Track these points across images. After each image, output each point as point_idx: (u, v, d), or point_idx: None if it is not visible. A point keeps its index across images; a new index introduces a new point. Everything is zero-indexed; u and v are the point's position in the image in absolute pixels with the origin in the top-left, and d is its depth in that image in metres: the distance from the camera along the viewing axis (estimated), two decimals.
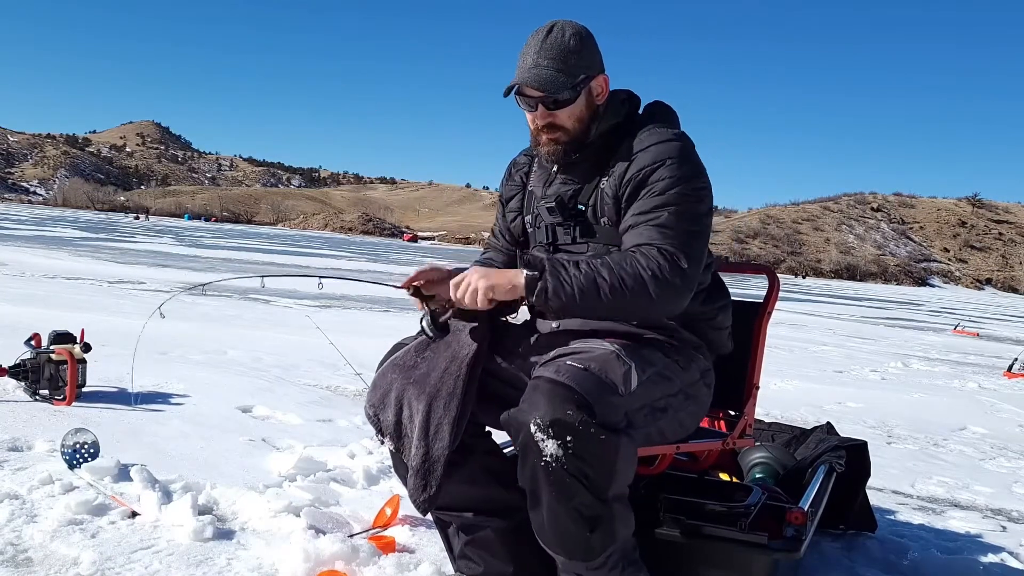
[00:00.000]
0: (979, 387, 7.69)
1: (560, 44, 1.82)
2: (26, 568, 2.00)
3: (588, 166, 1.92)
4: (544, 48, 1.82)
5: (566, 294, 1.70)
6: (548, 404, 1.62)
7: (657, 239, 1.74)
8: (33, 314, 6.32)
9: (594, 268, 1.71)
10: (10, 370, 3.69)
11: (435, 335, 1.90)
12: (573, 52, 1.82)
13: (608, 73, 1.94)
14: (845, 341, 11.71)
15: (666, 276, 1.70)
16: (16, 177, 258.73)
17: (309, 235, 79.11)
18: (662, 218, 1.75)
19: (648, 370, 1.78)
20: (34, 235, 25.08)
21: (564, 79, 1.81)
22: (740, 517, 2.01)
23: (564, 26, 1.84)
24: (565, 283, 1.70)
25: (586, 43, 1.85)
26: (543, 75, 1.80)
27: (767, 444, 2.88)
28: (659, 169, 1.79)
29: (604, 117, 1.90)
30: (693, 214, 1.78)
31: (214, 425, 3.56)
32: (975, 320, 22.09)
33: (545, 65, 1.81)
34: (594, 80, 1.88)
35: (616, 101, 1.93)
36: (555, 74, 1.80)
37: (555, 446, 1.59)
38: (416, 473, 1.86)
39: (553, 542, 1.70)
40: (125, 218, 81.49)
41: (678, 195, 1.77)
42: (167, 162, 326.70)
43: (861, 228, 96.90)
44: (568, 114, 1.86)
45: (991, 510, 3.49)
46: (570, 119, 1.86)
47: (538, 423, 1.61)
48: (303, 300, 10.44)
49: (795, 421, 4.69)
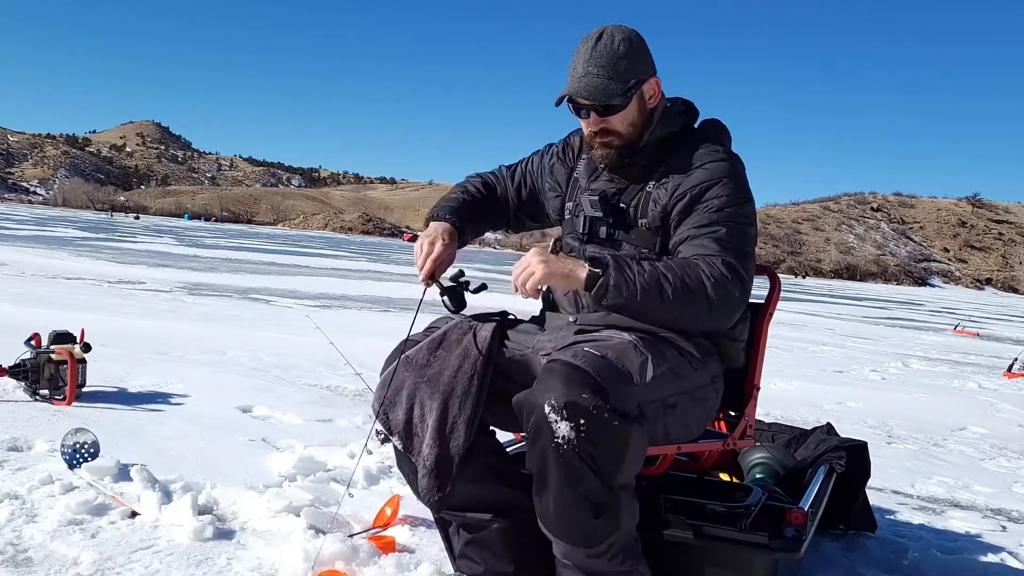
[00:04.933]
0: (979, 387, 7.69)
1: (610, 51, 1.84)
2: (26, 568, 2.00)
3: (638, 169, 1.95)
4: (594, 56, 1.85)
5: (628, 291, 1.72)
6: (564, 386, 1.62)
7: (718, 251, 1.78)
8: (33, 314, 6.32)
9: (658, 269, 1.74)
10: (10, 370, 3.69)
11: (456, 309, 1.97)
12: (623, 58, 1.85)
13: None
14: (845, 341, 11.71)
15: (727, 286, 1.75)
16: (16, 177, 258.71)
17: (309, 235, 79.13)
18: (721, 232, 1.80)
19: (663, 365, 1.79)
20: (34, 235, 25.08)
21: (615, 86, 1.84)
22: (740, 517, 2.01)
23: (613, 32, 1.87)
24: (628, 280, 1.72)
25: (636, 47, 1.88)
26: (593, 83, 1.83)
27: (767, 444, 2.88)
28: (716, 186, 1.84)
29: (659, 124, 1.94)
30: (746, 234, 1.85)
31: (214, 425, 3.56)
32: (975, 320, 22.09)
33: (596, 73, 1.84)
34: (646, 84, 1.90)
35: (673, 111, 1.97)
36: (606, 81, 1.83)
37: (568, 428, 1.60)
38: (430, 473, 1.85)
39: (556, 527, 1.70)
40: (111, 217, 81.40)
41: (734, 214, 1.84)
42: (167, 162, 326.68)
43: (861, 228, 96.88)
44: (621, 119, 1.89)
45: (991, 510, 3.49)
46: (623, 123, 1.90)
47: (552, 404, 1.61)
48: (303, 300, 10.44)
49: (795, 421, 4.69)
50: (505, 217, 2.27)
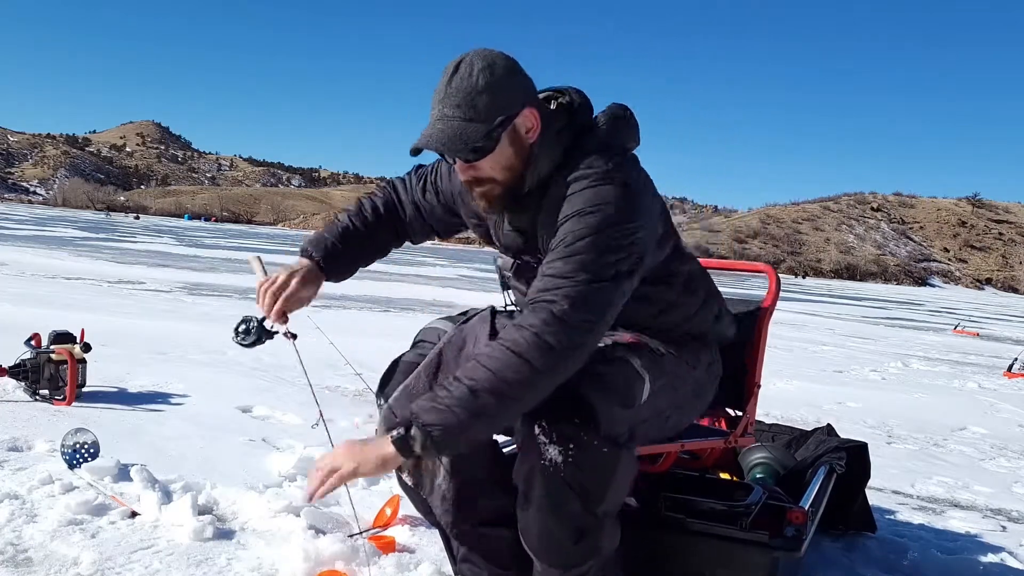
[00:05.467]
0: (979, 387, 7.68)
1: (467, 86, 1.53)
2: (26, 568, 2.00)
3: (532, 212, 1.68)
4: (449, 94, 1.54)
5: (454, 428, 1.45)
6: (555, 408, 1.56)
7: (535, 295, 1.50)
8: (33, 314, 6.32)
9: (465, 377, 1.47)
10: (10, 370, 3.69)
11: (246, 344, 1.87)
12: (483, 92, 1.53)
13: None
14: (845, 341, 11.71)
15: (543, 342, 1.45)
16: (16, 177, 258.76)
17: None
18: (555, 267, 1.51)
19: (659, 380, 1.71)
20: (34, 235, 25.08)
21: (474, 128, 1.53)
22: (741, 515, 2.01)
23: (472, 61, 1.55)
24: (444, 413, 1.44)
25: (500, 77, 1.55)
26: (449, 128, 1.54)
27: (767, 445, 2.88)
28: (568, 221, 1.55)
29: (539, 159, 1.62)
30: (594, 261, 1.51)
31: (214, 425, 3.56)
32: (975, 320, 22.08)
33: (451, 115, 1.54)
34: (518, 118, 1.58)
35: (550, 137, 1.62)
36: (463, 125, 1.53)
37: (556, 451, 1.55)
38: (453, 503, 1.82)
39: (535, 545, 1.67)
40: (108, 217, 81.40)
41: (579, 248, 1.51)
42: (167, 162, 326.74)
43: (861, 228, 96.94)
44: (492, 164, 1.59)
45: (991, 510, 3.49)
46: (495, 169, 1.60)
47: (543, 426, 1.56)
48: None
49: (795, 421, 4.69)
50: (416, 234, 2.05)
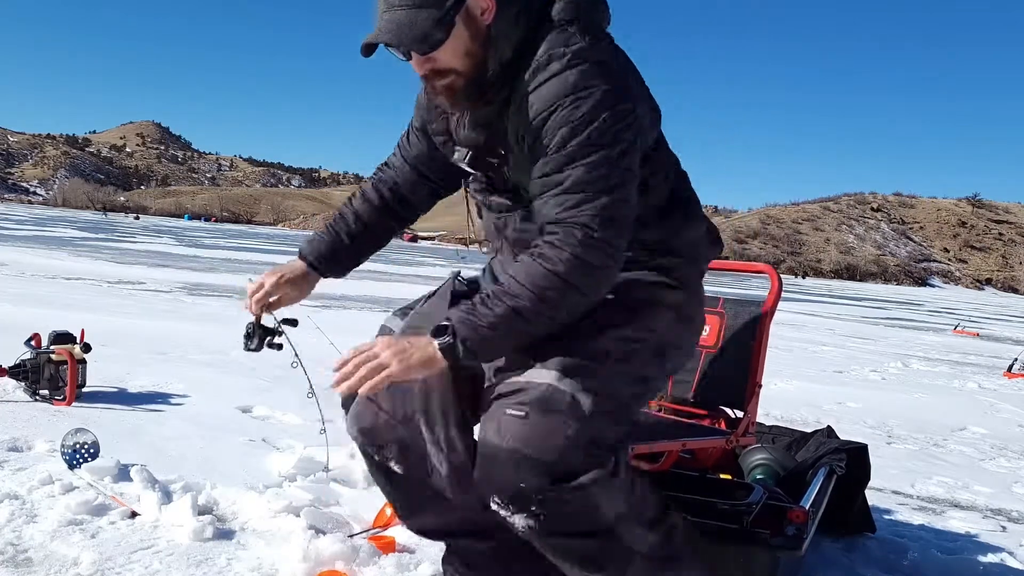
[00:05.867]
0: (979, 387, 7.68)
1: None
2: (26, 568, 2.00)
3: (498, 106, 1.54)
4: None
5: (492, 342, 1.43)
6: (501, 478, 1.44)
7: (562, 213, 1.42)
8: (33, 314, 6.31)
9: (505, 295, 1.42)
10: (10, 370, 3.69)
11: (253, 348, 1.84)
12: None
13: None
14: (845, 341, 11.71)
15: (584, 262, 1.41)
16: (16, 177, 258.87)
17: (309, 235, 78.92)
18: (566, 183, 1.42)
19: (595, 380, 1.49)
20: (34, 235, 25.07)
21: (425, 15, 1.41)
22: (742, 515, 2.01)
23: None
24: (482, 331, 1.41)
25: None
26: (396, 19, 1.42)
27: (768, 446, 2.87)
28: (555, 114, 1.42)
29: (500, 41, 1.48)
30: (604, 161, 1.41)
31: (214, 425, 3.56)
32: (975, 320, 22.08)
33: (398, 4, 1.42)
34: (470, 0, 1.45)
35: (508, 17, 1.48)
36: (412, 13, 1.40)
37: (523, 519, 1.45)
38: (454, 477, 1.64)
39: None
40: (105, 217, 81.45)
41: (581, 145, 1.40)
42: (167, 162, 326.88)
43: (861, 228, 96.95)
44: (450, 53, 1.47)
45: (991, 510, 3.49)
46: (455, 58, 1.47)
47: (497, 501, 1.45)
48: (303, 300, 10.42)
49: (795, 421, 4.69)
50: (421, 201, 1.96)
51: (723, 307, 2.77)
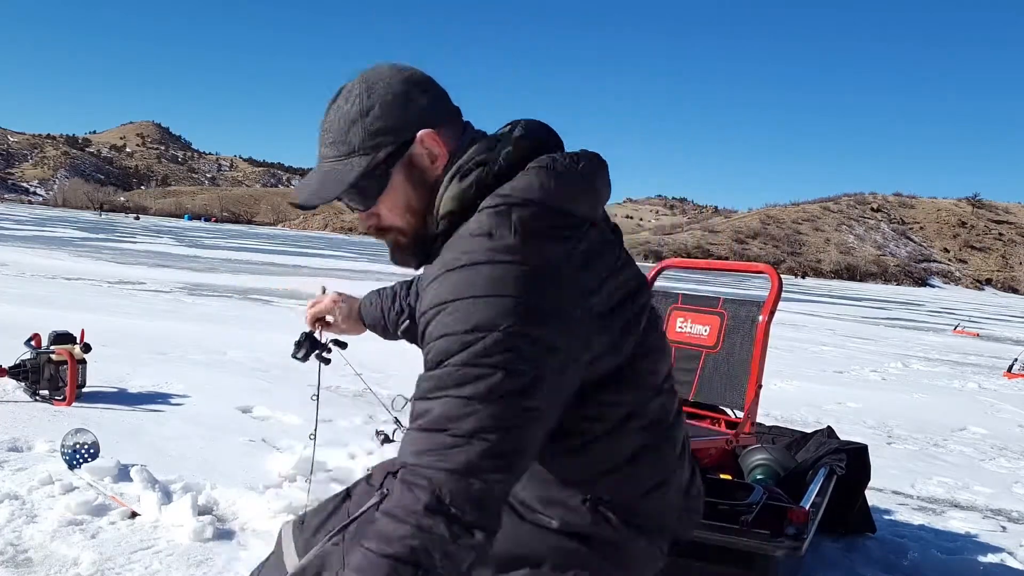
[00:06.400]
0: (979, 387, 7.69)
1: (341, 119, 1.17)
2: (26, 568, 2.00)
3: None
4: (324, 131, 1.20)
5: None
6: None
7: (411, 459, 1.00)
8: (33, 314, 6.32)
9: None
10: (10, 370, 3.69)
11: (303, 357, 1.82)
12: (357, 121, 1.16)
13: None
14: (845, 341, 11.71)
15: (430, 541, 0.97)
16: (16, 177, 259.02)
17: (309, 235, 79.19)
18: (427, 415, 1.01)
19: None
20: (34, 235, 25.08)
21: (349, 168, 1.17)
22: (742, 515, 2.01)
23: (352, 86, 1.19)
24: None
25: (382, 100, 1.16)
26: (321, 174, 1.20)
27: (768, 446, 2.87)
28: (434, 321, 1.04)
29: (442, 195, 1.17)
30: (486, 395, 0.98)
31: (214, 425, 3.56)
32: (975, 320, 22.09)
33: (326, 156, 1.20)
34: (414, 146, 1.16)
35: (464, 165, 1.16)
36: (339, 166, 1.18)
37: None
38: None
39: None
40: (100, 217, 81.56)
41: (455, 371, 1.00)
42: (167, 162, 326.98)
43: (861, 228, 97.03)
44: (389, 208, 1.19)
45: (991, 510, 3.49)
46: (394, 213, 1.19)
47: None
48: (303, 300, 10.44)
49: (795, 421, 4.70)
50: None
51: (723, 307, 2.77)
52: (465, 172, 1.15)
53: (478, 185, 1.13)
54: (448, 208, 1.15)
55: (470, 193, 1.13)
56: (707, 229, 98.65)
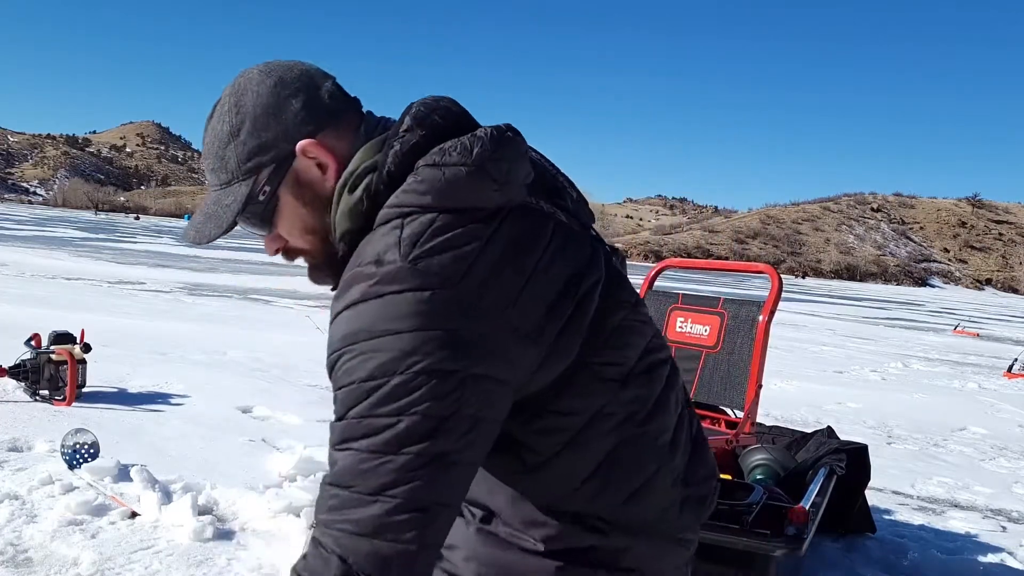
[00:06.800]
0: (979, 387, 7.69)
1: (215, 140, 1.04)
2: (26, 568, 2.00)
3: None
4: (203, 155, 1.09)
5: None
6: None
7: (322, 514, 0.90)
8: (33, 314, 6.32)
9: None
10: (10, 370, 3.69)
11: None
12: (229, 142, 1.03)
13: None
14: (845, 341, 11.71)
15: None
16: (16, 177, 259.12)
17: None
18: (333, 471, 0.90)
19: None
20: (34, 235, 25.09)
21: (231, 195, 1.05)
22: (742, 515, 2.01)
23: (222, 99, 1.04)
24: None
25: (251, 114, 1.02)
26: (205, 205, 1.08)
27: (768, 446, 2.87)
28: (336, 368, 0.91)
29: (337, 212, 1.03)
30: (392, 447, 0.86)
31: (214, 425, 3.56)
32: (975, 320, 22.09)
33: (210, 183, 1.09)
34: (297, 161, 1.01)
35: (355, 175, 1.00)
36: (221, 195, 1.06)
37: None
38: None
39: None
40: (96, 216, 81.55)
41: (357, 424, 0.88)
42: (167, 162, 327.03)
43: (861, 228, 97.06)
44: (287, 229, 1.06)
45: (991, 510, 3.49)
46: (292, 235, 1.07)
47: None
48: (303, 300, 10.44)
49: (795, 421, 4.69)
50: None
51: (723, 307, 2.77)
52: (355, 183, 0.99)
53: (368, 196, 0.97)
54: (343, 228, 1.00)
55: (361, 208, 0.97)
56: (707, 229, 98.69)
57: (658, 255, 71.73)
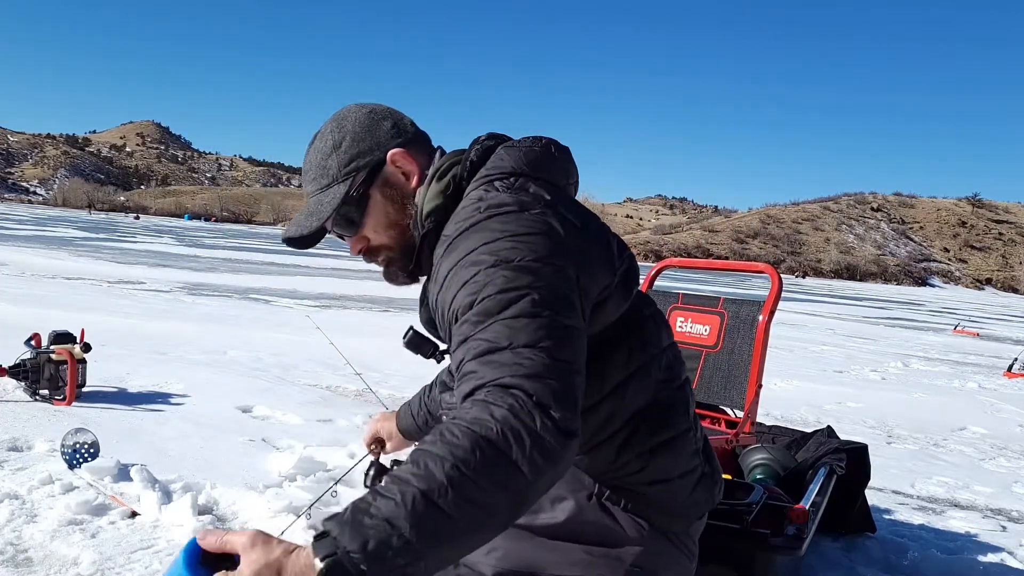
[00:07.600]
0: (979, 387, 7.69)
1: (318, 153, 1.28)
2: (26, 568, 2.00)
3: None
4: (306, 171, 1.32)
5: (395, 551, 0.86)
6: None
7: (490, 376, 0.96)
8: (33, 314, 6.32)
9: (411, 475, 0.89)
10: (10, 370, 3.69)
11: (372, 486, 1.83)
12: (331, 153, 1.26)
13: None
14: (845, 341, 11.71)
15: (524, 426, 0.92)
16: (16, 177, 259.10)
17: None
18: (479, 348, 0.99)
19: None
20: (34, 235, 25.09)
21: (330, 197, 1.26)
22: (742, 514, 2.01)
23: (326, 126, 1.30)
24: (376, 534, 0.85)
25: (352, 130, 1.27)
26: (308, 207, 1.29)
27: (768, 446, 2.87)
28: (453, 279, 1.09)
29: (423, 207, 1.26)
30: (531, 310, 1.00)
31: (214, 425, 3.56)
32: (975, 320, 22.09)
33: (311, 192, 1.30)
34: (387, 166, 1.25)
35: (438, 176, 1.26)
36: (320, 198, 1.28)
37: None
38: None
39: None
40: (89, 215, 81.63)
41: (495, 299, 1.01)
42: (167, 162, 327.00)
43: (861, 228, 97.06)
44: (373, 228, 1.28)
45: (991, 510, 3.49)
46: (378, 232, 1.28)
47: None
48: (303, 300, 10.43)
49: (795, 421, 4.70)
50: None
51: (723, 307, 2.77)
52: (441, 174, 1.24)
53: (455, 181, 1.23)
54: (432, 206, 1.23)
55: (449, 190, 1.22)
56: (707, 229, 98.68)
57: (658, 255, 71.72)
